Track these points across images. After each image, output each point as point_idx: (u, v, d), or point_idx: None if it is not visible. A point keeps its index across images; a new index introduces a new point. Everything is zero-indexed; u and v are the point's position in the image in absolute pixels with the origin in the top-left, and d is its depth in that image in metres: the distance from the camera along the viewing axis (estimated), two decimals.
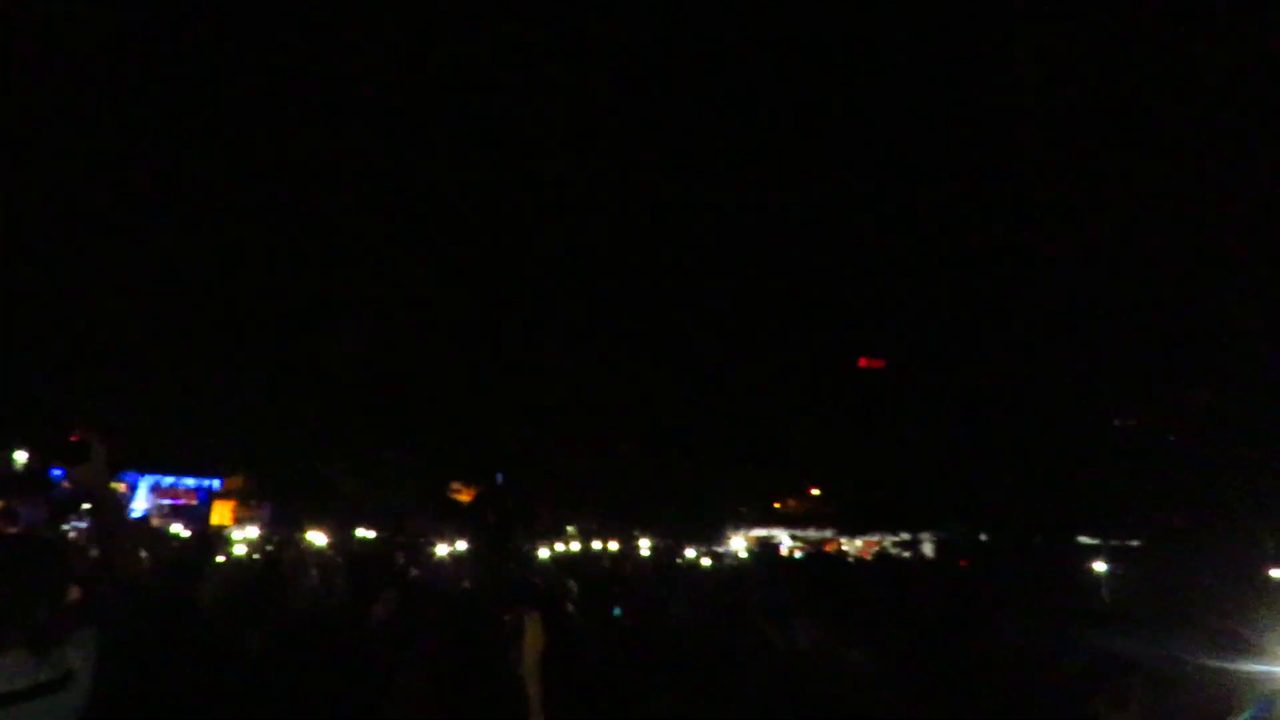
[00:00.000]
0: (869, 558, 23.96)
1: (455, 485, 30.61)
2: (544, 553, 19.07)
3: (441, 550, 19.04)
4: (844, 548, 32.72)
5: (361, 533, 21.31)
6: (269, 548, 15.67)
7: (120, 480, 24.95)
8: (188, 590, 7.36)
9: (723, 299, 28.79)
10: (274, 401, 22.03)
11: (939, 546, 26.09)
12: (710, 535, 31.44)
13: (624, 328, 27.88)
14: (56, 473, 28.10)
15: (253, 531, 19.37)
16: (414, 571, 10.99)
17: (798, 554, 31.43)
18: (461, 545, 20.16)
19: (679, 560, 21.38)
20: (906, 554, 26.88)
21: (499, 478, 28.40)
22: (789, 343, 30.18)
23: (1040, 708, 4.61)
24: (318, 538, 19.96)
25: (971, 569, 18.99)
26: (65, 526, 13.82)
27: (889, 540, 30.54)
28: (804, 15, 23.09)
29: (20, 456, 26.07)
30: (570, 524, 31.72)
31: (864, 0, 22.95)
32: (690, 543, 27.55)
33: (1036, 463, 21.19)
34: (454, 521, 25.78)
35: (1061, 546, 21.08)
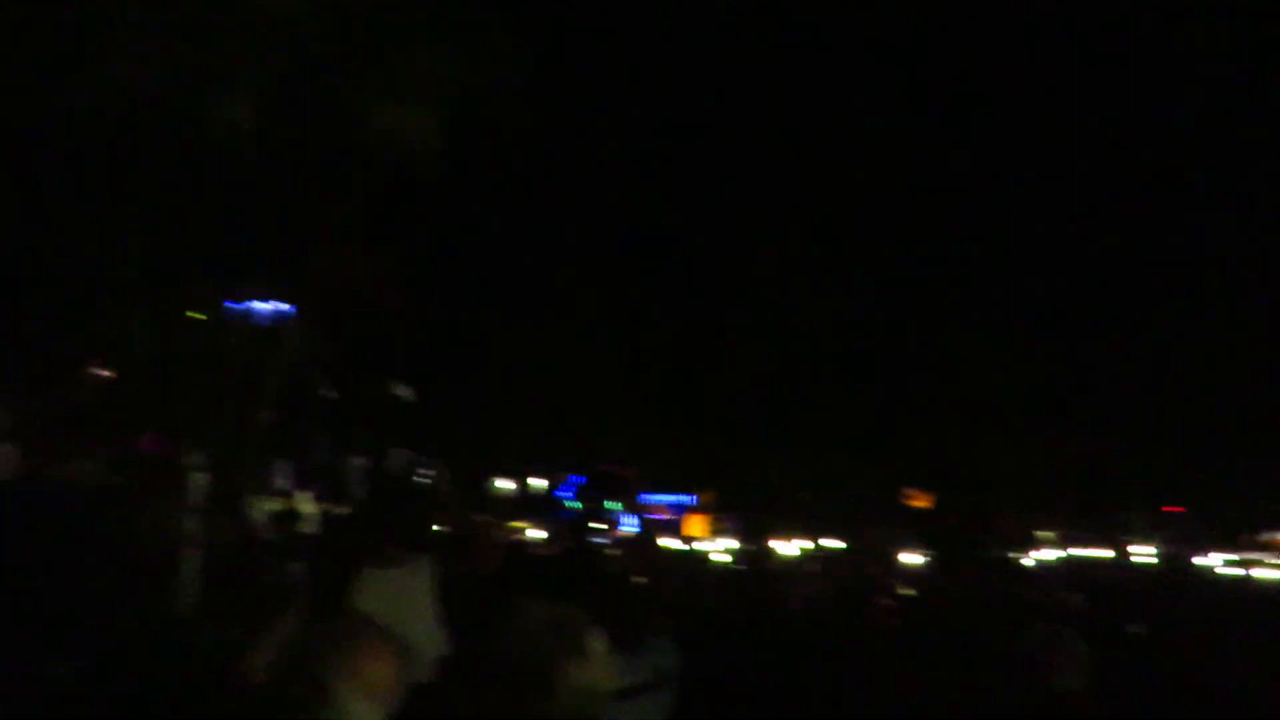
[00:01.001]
0: None
1: (910, 491, 29.77)
2: (1024, 560, 17.60)
3: (909, 559, 18.59)
4: None
5: (825, 541, 21.71)
6: (741, 559, 16.62)
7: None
8: (686, 597, 8.04)
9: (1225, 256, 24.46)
10: (735, 418, 23.53)
11: None
12: (1228, 537, 26.36)
13: (1096, 304, 25.04)
14: (562, 495, 33.13)
15: (730, 543, 20.77)
16: (892, 582, 10.79)
17: None
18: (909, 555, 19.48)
19: (1190, 568, 18.27)
20: None
21: (955, 480, 27.04)
22: None
23: None
24: (785, 547, 20.77)
25: None
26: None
27: None
28: None
29: (536, 483, 31.21)
30: (1041, 528, 28.98)
31: None
32: (1200, 548, 23.41)
33: None
34: (912, 528, 25.04)
35: None
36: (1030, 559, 18.67)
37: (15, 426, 3.52)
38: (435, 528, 3.30)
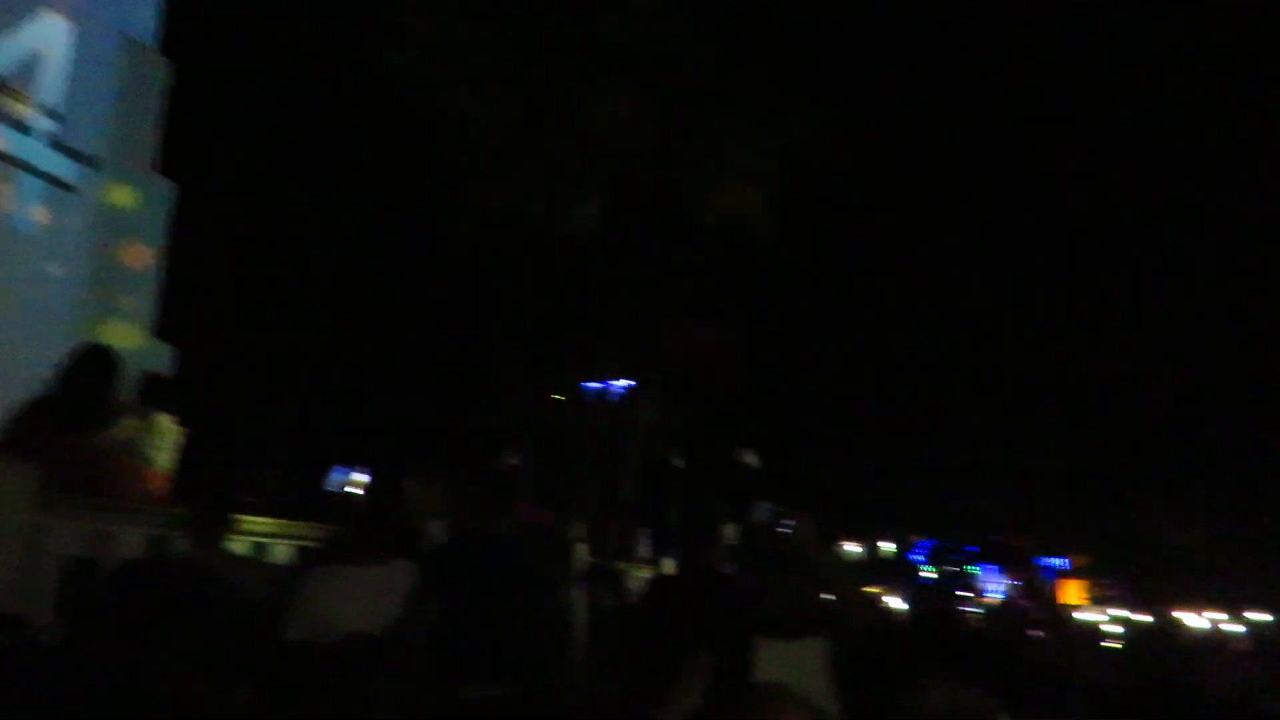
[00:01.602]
0: None
1: None
2: None
3: None
4: None
5: (1249, 614, 18.17)
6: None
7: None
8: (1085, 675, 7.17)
9: None
10: (1117, 466, 21.01)
11: None
12: None
13: None
14: (915, 558, 31.59)
15: (1117, 612, 18.26)
16: None
17: None
18: None
19: None
20: None
21: None
22: None
23: None
24: (1192, 619, 17.73)
25: None
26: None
27: None
28: None
29: (886, 546, 30.16)
30: None
31: None
32: None
33: None
34: None
35: None
36: None
37: (446, 502, 4.17)
38: (818, 596, 3.28)
